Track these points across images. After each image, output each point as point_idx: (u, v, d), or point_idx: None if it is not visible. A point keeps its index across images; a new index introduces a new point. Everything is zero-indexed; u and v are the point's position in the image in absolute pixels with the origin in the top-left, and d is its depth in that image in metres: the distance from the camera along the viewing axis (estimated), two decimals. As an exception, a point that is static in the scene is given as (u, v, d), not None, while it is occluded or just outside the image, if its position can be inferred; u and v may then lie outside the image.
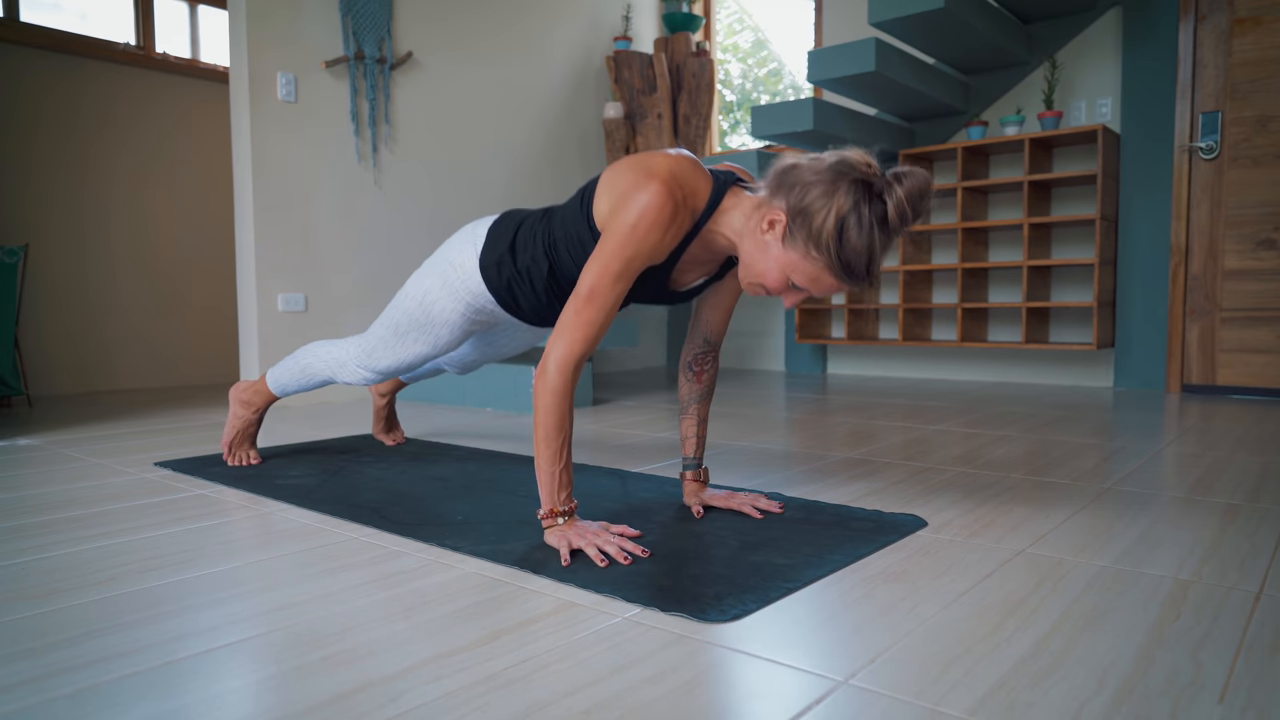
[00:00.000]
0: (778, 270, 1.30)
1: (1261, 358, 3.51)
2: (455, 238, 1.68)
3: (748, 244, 1.33)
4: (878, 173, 1.25)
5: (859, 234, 1.22)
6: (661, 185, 1.30)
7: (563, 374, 1.32)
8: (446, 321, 1.70)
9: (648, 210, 1.29)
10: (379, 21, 3.73)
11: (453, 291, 1.66)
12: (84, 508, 1.71)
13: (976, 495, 1.75)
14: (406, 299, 1.73)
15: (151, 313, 4.42)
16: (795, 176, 1.27)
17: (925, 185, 1.23)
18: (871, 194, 1.23)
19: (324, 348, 1.99)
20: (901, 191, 1.21)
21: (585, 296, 1.33)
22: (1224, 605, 1.11)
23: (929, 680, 0.90)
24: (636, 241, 1.31)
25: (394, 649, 0.99)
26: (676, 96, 4.79)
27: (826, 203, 1.22)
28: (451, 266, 1.65)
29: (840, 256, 1.24)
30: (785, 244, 1.27)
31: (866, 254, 1.23)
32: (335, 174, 3.62)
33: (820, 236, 1.23)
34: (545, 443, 1.34)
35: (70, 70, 4.06)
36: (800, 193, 1.25)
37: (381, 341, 1.81)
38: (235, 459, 2.13)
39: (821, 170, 1.25)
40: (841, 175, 1.23)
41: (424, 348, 1.77)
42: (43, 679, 0.92)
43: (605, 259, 1.32)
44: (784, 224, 1.27)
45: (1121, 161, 3.77)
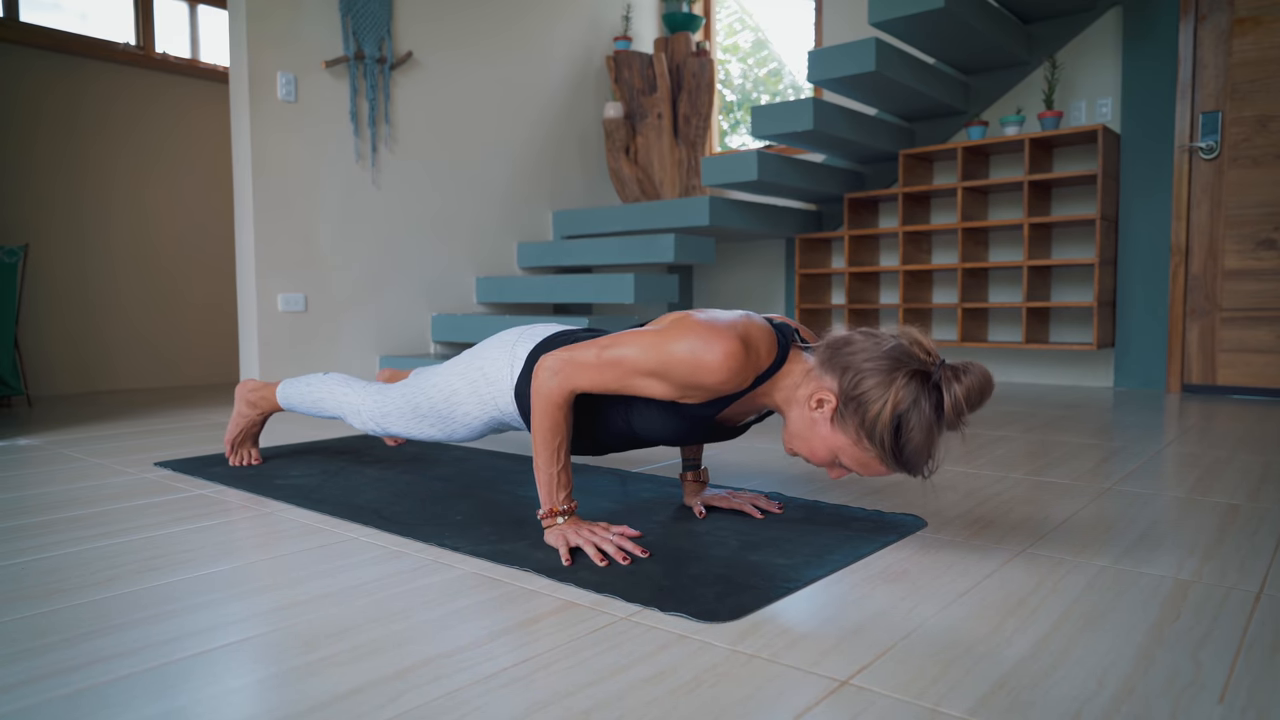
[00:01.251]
0: (825, 450, 1.25)
1: (1261, 358, 3.51)
2: (493, 346, 1.61)
3: (794, 413, 1.28)
4: (935, 362, 1.20)
5: (918, 431, 1.17)
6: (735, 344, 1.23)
7: (561, 390, 1.32)
8: (466, 424, 1.66)
9: (710, 357, 1.23)
10: (379, 21, 3.73)
11: (480, 401, 1.61)
12: (84, 508, 1.71)
13: (976, 495, 1.75)
14: (433, 388, 1.67)
15: (152, 313, 4.42)
16: (849, 358, 1.22)
17: (985, 381, 1.18)
18: (929, 386, 1.18)
19: (342, 389, 1.93)
20: (960, 390, 1.17)
21: (610, 360, 1.29)
22: (1224, 605, 1.11)
23: (929, 680, 0.90)
24: (683, 370, 1.25)
25: (394, 649, 0.99)
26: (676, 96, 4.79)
27: (883, 394, 1.17)
28: (484, 378, 1.59)
29: (894, 452, 1.19)
30: (835, 425, 1.23)
31: (923, 451, 1.19)
32: (335, 174, 3.62)
33: (874, 429, 1.18)
34: (543, 444, 1.34)
35: (70, 70, 4.06)
36: (854, 378, 1.20)
37: (398, 411, 1.77)
38: (237, 458, 2.12)
39: (878, 356, 1.20)
40: (899, 364, 1.18)
41: (436, 433, 1.73)
42: (42, 679, 0.92)
43: (648, 352, 1.27)
44: (834, 405, 1.22)
45: (1121, 161, 3.77)
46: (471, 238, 4.21)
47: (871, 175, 4.47)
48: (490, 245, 4.31)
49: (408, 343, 3.94)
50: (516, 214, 4.44)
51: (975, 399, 1.18)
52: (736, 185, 3.95)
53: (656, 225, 4.10)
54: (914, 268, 4.05)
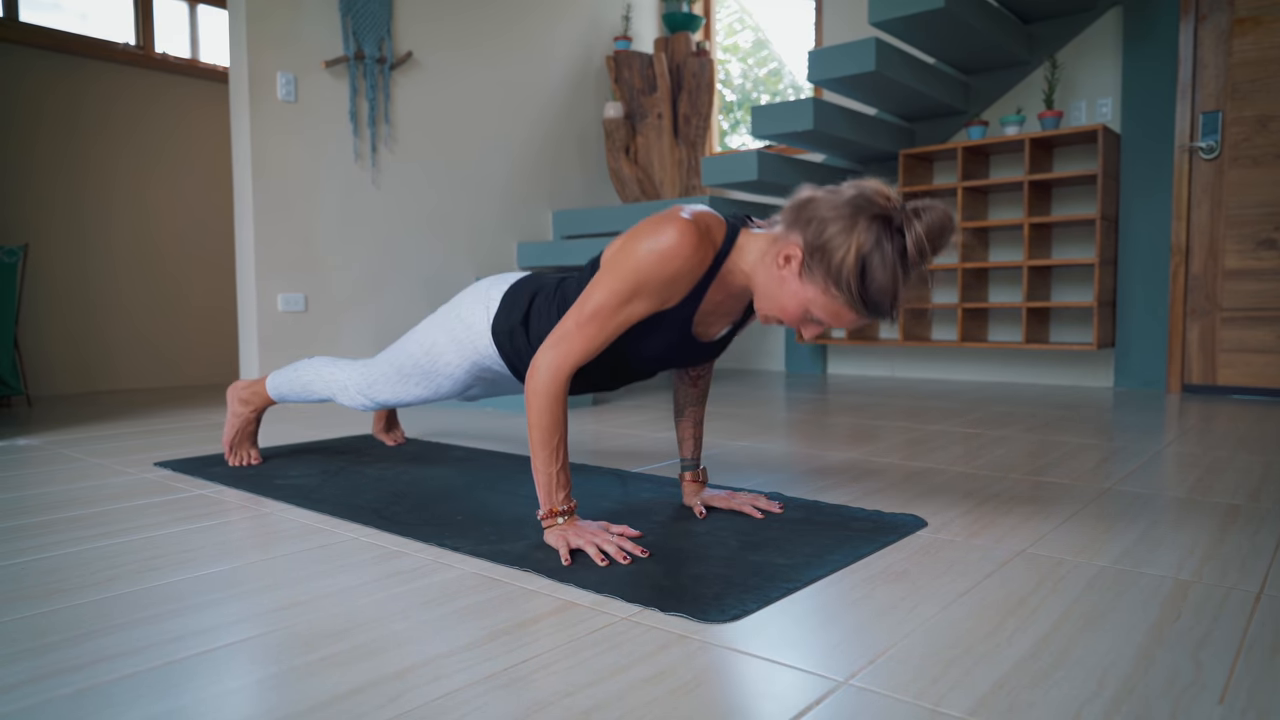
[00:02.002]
0: (795, 304, 1.27)
1: (1262, 358, 3.51)
2: (468, 295, 1.66)
3: (762, 277, 1.31)
4: (897, 206, 1.21)
5: (881, 271, 1.19)
6: (682, 221, 1.28)
7: (555, 381, 1.32)
8: (450, 375, 1.70)
9: (667, 239, 1.27)
10: (379, 21, 3.73)
11: (460, 349, 1.65)
12: (84, 508, 1.71)
13: (976, 495, 1.75)
14: (414, 344, 1.72)
15: (152, 312, 4.42)
16: (811, 211, 1.24)
17: (946, 219, 1.20)
18: (891, 229, 1.20)
19: (328, 368, 1.97)
20: (921, 227, 1.18)
21: (589, 313, 1.31)
22: (1224, 605, 1.11)
23: (929, 680, 0.90)
24: (650, 266, 1.28)
25: (394, 649, 0.99)
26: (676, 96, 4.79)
27: (846, 239, 1.19)
28: (462, 324, 1.64)
29: (862, 294, 1.21)
30: (803, 279, 1.25)
31: (890, 291, 1.20)
32: (335, 174, 3.62)
33: (840, 274, 1.20)
34: (541, 445, 1.33)
35: (70, 70, 4.06)
36: (817, 228, 1.22)
37: (384, 377, 1.81)
38: (237, 459, 2.13)
39: (839, 205, 1.22)
40: (860, 210, 1.20)
41: (424, 392, 1.77)
42: (43, 679, 0.92)
43: (615, 279, 1.30)
44: (800, 259, 1.24)
45: (1122, 161, 3.77)
46: (471, 237, 4.21)
47: (871, 175, 4.47)
48: (490, 245, 4.31)
49: (408, 343, 3.93)
50: (516, 214, 4.44)
51: (937, 236, 1.20)
52: (736, 185, 3.95)
53: (656, 225, 4.09)
54: (914, 268, 4.04)
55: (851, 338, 4.37)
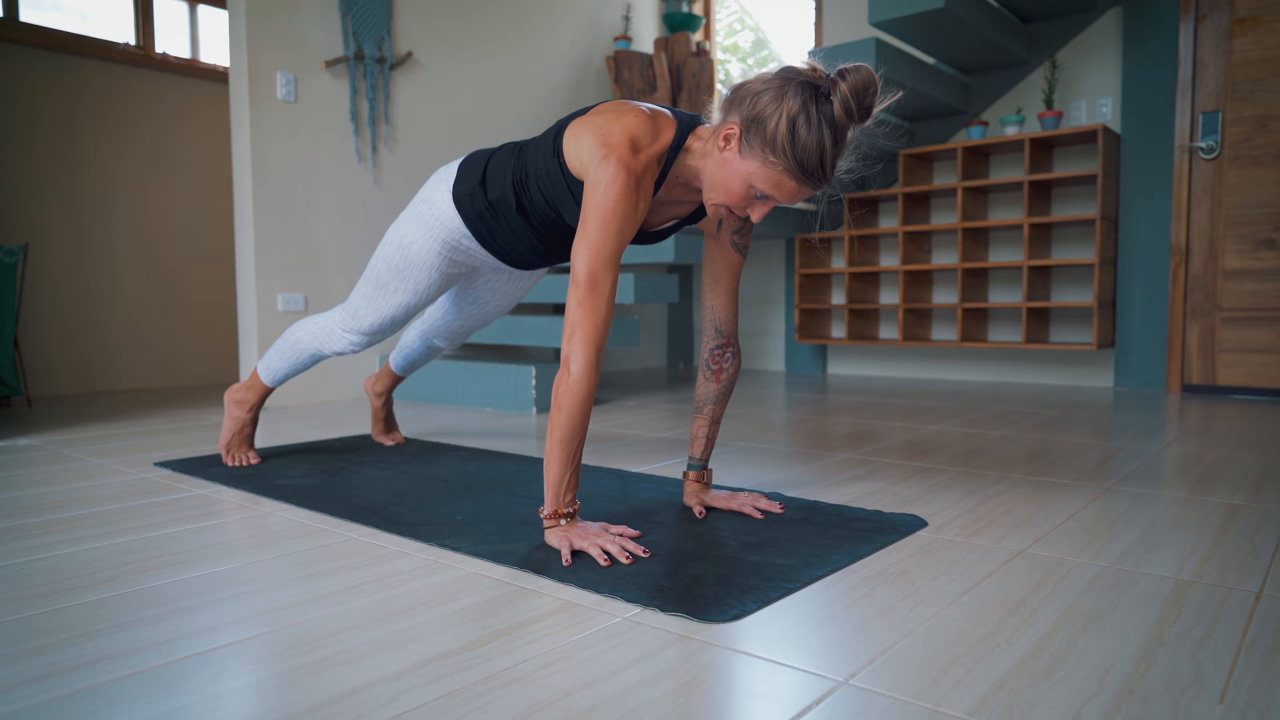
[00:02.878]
0: (739, 181, 1.32)
1: (1262, 358, 3.51)
2: (430, 181, 1.74)
3: (709, 164, 1.36)
4: (823, 75, 1.28)
5: (809, 131, 1.25)
6: (619, 161, 1.33)
7: (589, 372, 1.33)
8: (425, 263, 1.75)
9: (616, 187, 1.33)
10: (379, 21, 3.73)
11: (429, 230, 1.71)
12: (84, 508, 1.71)
13: (976, 495, 1.75)
14: (385, 246, 1.79)
15: (152, 312, 4.42)
16: (745, 90, 1.31)
17: (869, 79, 1.25)
18: (819, 94, 1.26)
19: (310, 324, 2.03)
20: (846, 87, 1.23)
21: (586, 286, 1.33)
22: (1224, 605, 1.11)
23: (929, 680, 0.90)
24: (617, 217, 1.34)
25: (394, 649, 0.99)
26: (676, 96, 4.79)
27: (777, 106, 1.26)
28: (426, 205, 1.70)
29: (796, 156, 1.26)
30: (743, 154, 1.30)
31: (819, 150, 1.26)
32: (335, 174, 3.62)
33: (775, 140, 1.26)
34: (561, 446, 1.34)
35: (70, 71, 4.06)
36: (751, 103, 1.28)
37: (364, 298, 1.86)
38: (233, 460, 2.13)
39: (769, 79, 1.29)
40: (788, 80, 1.27)
41: (406, 296, 1.81)
42: (43, 679, 0.92)
43: (594, 242, 1.34)
44: (738, 135, 1.30)
45: (1122, 161, 3.77)
46: (471, 238, 4.21)
47: (871, 175, 4.47)
48: (490, 245, 4.31)
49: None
50: (516, 214, 4.44)
51: (861, 93, 1.25)
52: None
53: (656, 225, 4.09)
54: (914, 268, 4.05)
55: (851, 338, 4.37)
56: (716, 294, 1.61)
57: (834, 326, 4.68)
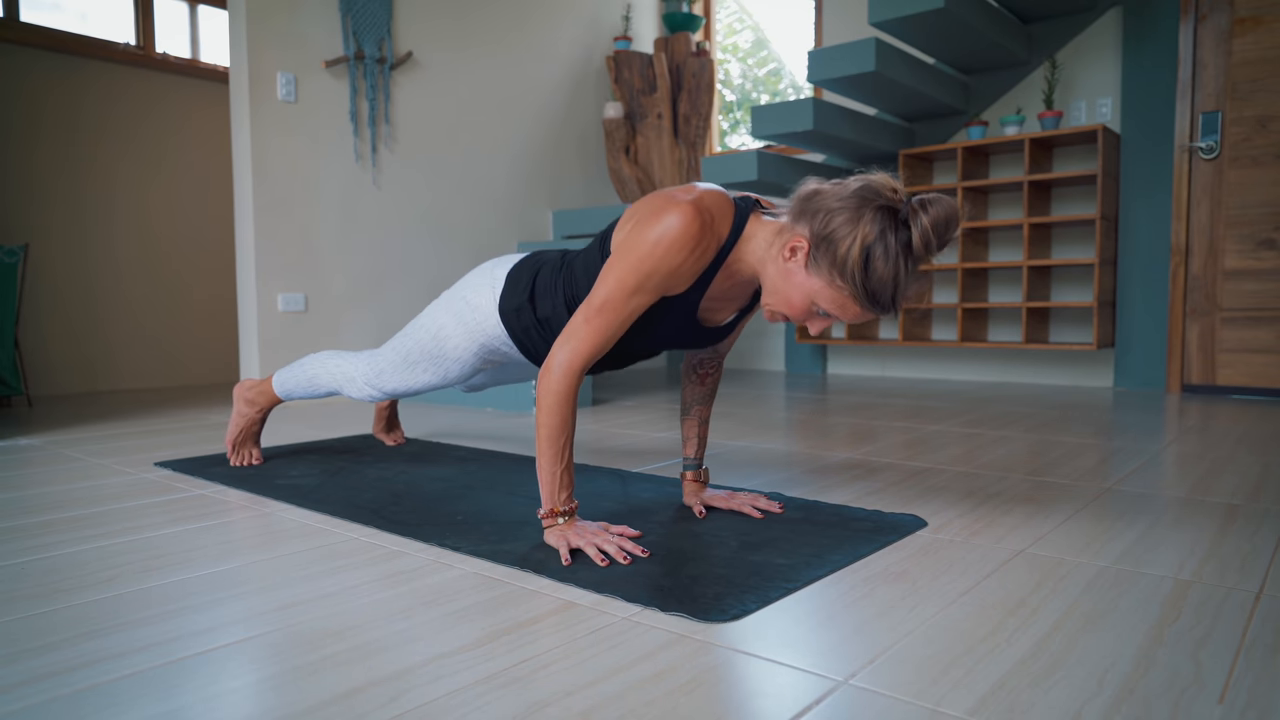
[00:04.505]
0: (801, 297, 1.27)
1: (1261, 358, 3.51)
2: (473, 277, 1.66)
3: (770, 270, 1.30)
4: (903, 199, 1.22)
5: (885, 263, 1.19)
6: (689, 207, 1.27)
7: (567, 378, 1.32)
8: (458, 358, 1.69)
9: (671, 229, 1.26)
10: (379, 21, 3.73)
11: (468, 331, 1.64)
12: (84, 508, 1.71)
13: (976, 495, 1.75)
14: (420, 330, 1.72)
15: (152, 312, 4.42)
16: (818, 202, 1.24)
17: (952, 212, 1.20)
18: (897, 221, 1.20)
19: (333, 360, 1.96)
20: (927, 220, 1.18)
21: (597, 307, 1.31)
22: (1224, 605, 1.11)
23: (929, 680, 0.90)
24: (656, 259, 1.27)
25: (394, 649, 0.99)
26: (676, 96, 4.79)
27: (851, 230, 1.19)
28: (468, 306, 1.63)
29: (866, 286, 1.21)
30: (809, 270, 1.25)
31: (892, 283, 1.20)
32: (335, 174, 3.62)
33: (845, 265, 1.20)
34: (548, 444, 1.33)
35: (71, 71, 4.06)
36: (824, 219, 1.22)
37: (391, 365, 1.80)
38: (239, 458, 2.12)
39: (846, 196, 1.22)
40: (866, 202, 1.20)
41: (432, 378, 1.76)
42: (43, 679, 0.92)
43: (622, 271, 1.29)
44: (806, 250, 1.24)
45: (1121, 161, 3.77)
46: (471, 237, 4.21)
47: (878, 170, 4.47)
48: (490, 245, 4.31)
49: (408, 343, 3.94)
50: (516, 214, 4.44)
51: (942, 229, 1.20)
52: (737, 185, 3.95)
53: (656, 225, 4.09)
54: (914, 268, 4.04)
55: (852, 337, 4.37)
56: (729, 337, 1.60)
57: (834, 326, 4.68)
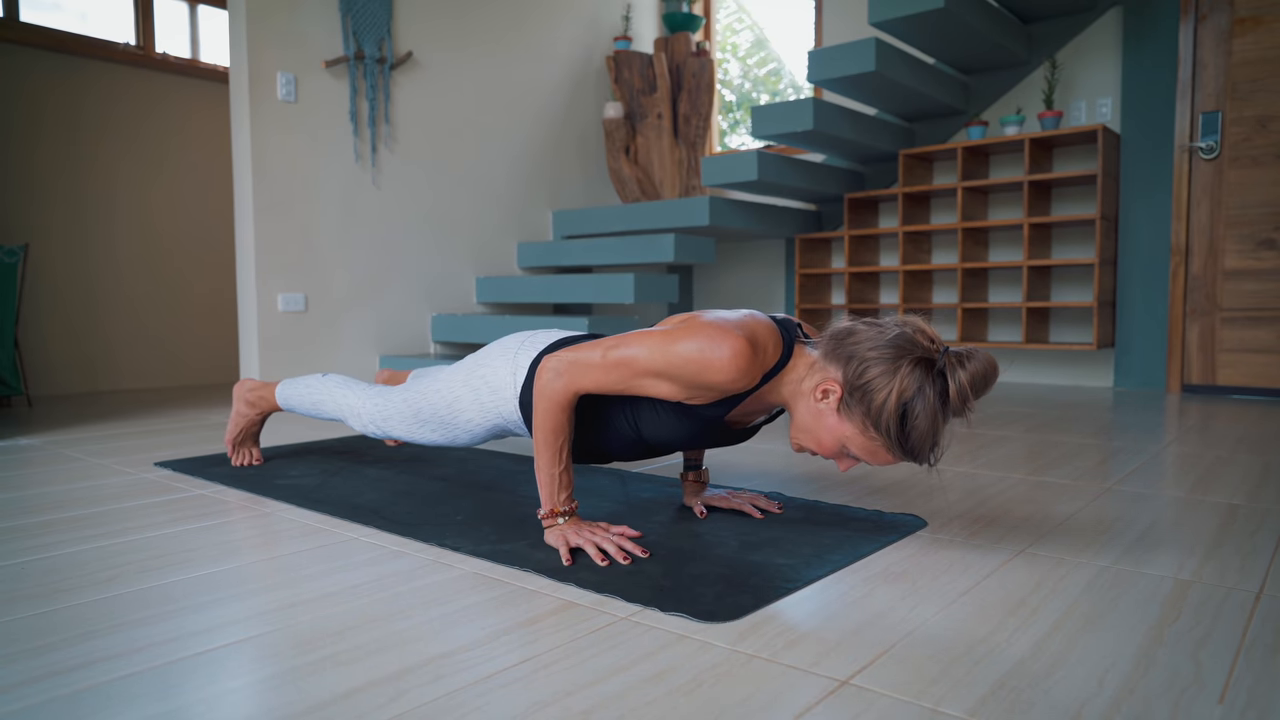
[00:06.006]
0: (832, 440, 1.26)
1: (1261, 358, 3.51)
2: (495, 356, 1.60)
3: (801, 406, 1.29)
4: (940, 349, 1.21)
5: (922, 418, 1.18)
6: (741, 345, 1.23)
7: (566, 392, 1.32)
8: (468, 430, 1.66)
9: (718, 356, 1.23)
10: (379, 21, 3.73)
11: (482, 409, 1.61)
12: (84, 508, 1.71)
13: (976, 495, 1.75)
14: (435, 394, 1.67)
15: (152, 312, 4.42)
16: (853, 347, 1.22)
17: (990, 368, 1.19)
18: (933, 374, 1.19)
19: (341, 391, 1.93)
20: (965, 376, 1.17)
21: (616, 360, 1.29)
22: (1224, 605, 1.11)
23: (929, 680, 0.90)
24: (689, 369, 1.25)
25: (394, 649, 0.99)
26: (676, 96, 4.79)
27: (888, 382, 1.18)
28: (487, 387, 1.59)
29: (900, 440, 1.20)
30: (841, 415, 1.23)
31: (929, 438, 1.20)
32: (335, 174, 3.62)
33: (880, 417, 1.19)
34: (546, 445, 1.33)
35: (71, 71, 4.06)
36: (859, 368, 1.20)
37: (399, 416, 1.76)
38: (239, 458, 2.12)
39: (882, 345, 1.20)
40: (904, 353, 1.19)
41: (439, 439, 1.72)
42: (43, 679, 0.92)
43: (655, 352, 1.26)
44: (840, 395, 1.22)
45: (1121, 161, 3.77)
46: (471, 238, 4.21)
47: (871, 175, 4.47)
48: (490, 245, 4.31)
49: (408, 343, 3.94)
50: (516, 214, 4.44)
51: (980, 385, 1.19)
52: (736, 185, 3.95)
53: (656, 225, 4.10)
54: (914, 268, 4.05)
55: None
56: None
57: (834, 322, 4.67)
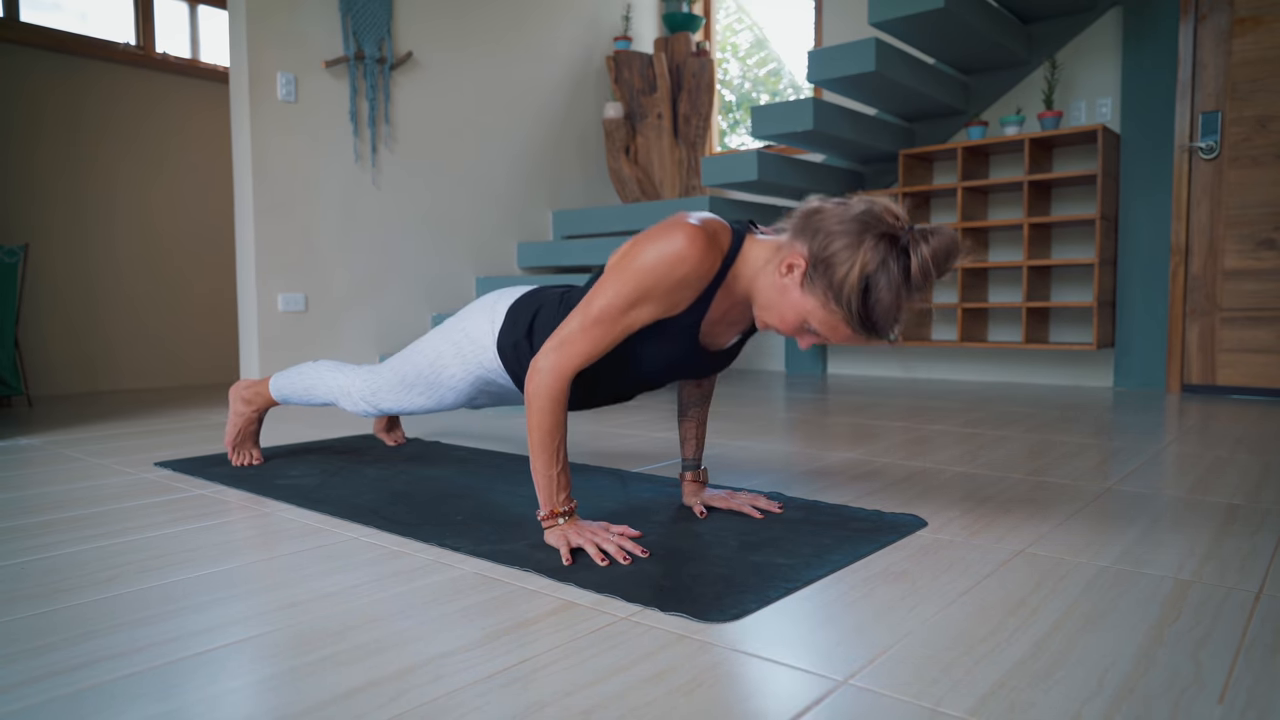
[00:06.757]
0: (794, 314, 1.27)
1: (1261, 358, 3.51)
2: (474, 309, 1.66)
3: (763, 283, 1.30)
4: (904, 226, 1.21)
5: (883, 291, 1.19)
6: (691, 226, 1.27)
7: (557, 383, 1.32)
8: (454, 387, 1.71)
9: (675, 245, 1.26)
10: (379, 21, 3.73)
11: (464, 362, 1.65)
12: (84, 508, 1.71)
13: (976, 495, 1.75)
14: (418, 355, 1.73)
15: (153, 312, 4.42)
16: (819, 222, 1.23)
17: (952, 244, 1.19)
18: (897, 249, 1.19)
19: (331, 374, 1.97)
20: (928, 250, 1.18)
21: (595, 316, 1.30)
22: (1224, 605, 1.11)
23: (929, 680, 0.90)
24: (659, 273, 1.27)
25: (394, 649, 0.99)
26: (676, 96, 4.79)
27: (851, 255, 1.18)
28: (467, 338, 1.64)
29: (861, 313, 1.20)
30: (804, 289, 1.24)
31: (889, 312, 1.20)
32: (335, 174, 3.62)
33: (842, 290, 1.20)
34: (541, 447, 1.33)
35: (71, 71, 4.06)
36: (824, 240, 1.21)
37: (388, 385, 1.81)
38: (239, 458, 2.13)
39: (847, 219, 1.21)
40: (868, 227, 1.19)
41: (427, 402, 1.77)
42: (43, 679, 0.92)
43: (622, 283, 1.29)
44: (803, 269, 1.23)
45: (1121, 161, 3.77)
46: (471, 237, 4.21)
47: (871, 175, 4.47)
48: (490, 245, 4.31)
49: (408, 343, 3.94)
50: (516, 214, 4.44)
51: (942, 261, 1.19)
52: (736, 185, 3.95)
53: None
54: (914, 268, 4.04)
55: (851, 338, 4.37)
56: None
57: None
